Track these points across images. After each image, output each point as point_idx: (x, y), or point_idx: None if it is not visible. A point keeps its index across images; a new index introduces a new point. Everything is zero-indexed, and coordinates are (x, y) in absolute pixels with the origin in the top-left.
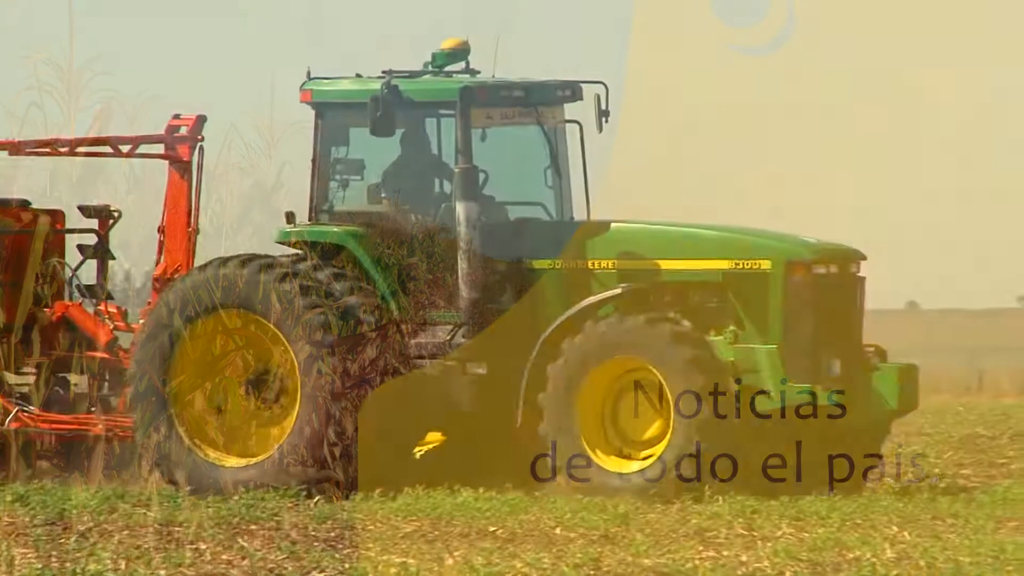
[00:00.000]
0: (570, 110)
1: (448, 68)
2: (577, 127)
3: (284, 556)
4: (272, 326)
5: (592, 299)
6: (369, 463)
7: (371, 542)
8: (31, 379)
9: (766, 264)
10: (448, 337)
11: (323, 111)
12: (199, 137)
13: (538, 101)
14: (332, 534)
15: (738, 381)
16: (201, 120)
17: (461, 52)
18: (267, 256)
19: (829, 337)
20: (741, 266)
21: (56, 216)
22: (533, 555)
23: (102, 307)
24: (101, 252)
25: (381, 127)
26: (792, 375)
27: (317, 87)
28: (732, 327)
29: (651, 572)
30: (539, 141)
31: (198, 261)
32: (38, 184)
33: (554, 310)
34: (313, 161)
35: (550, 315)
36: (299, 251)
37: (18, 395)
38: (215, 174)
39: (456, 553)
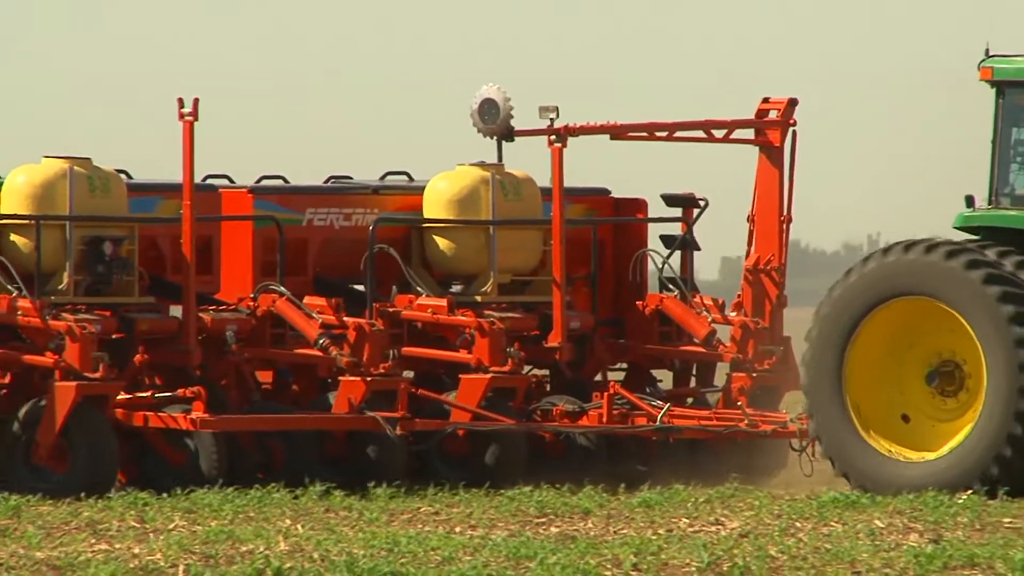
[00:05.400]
0: None
1: None
2: None
3: None
4: (961, 317)
5: None
6: None
7: None
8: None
9: None
10: None
11: (1005, 90)
12: (791, 121)
13: None
14: None
15: None
16: (792, 103)
17: None
18: (962, 243)
19: None
20: None
21: (639, 205)
22: None
23: (697, 299)
24: (687, 243)
25: None
26: None
27: (998, 64)
28: None
29: (44, 565)
30: None
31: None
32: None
33: None
34: (993, 142)
35: None
36: (977, 236)
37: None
38: None
39: None
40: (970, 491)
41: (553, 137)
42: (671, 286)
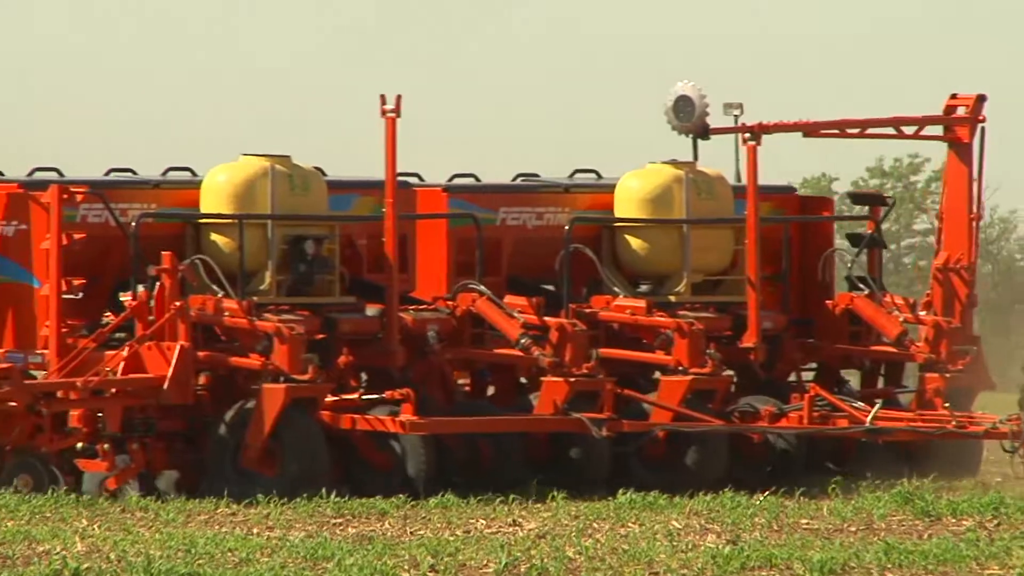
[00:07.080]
0: None
1: None
2: None
3: None
4: None
5: None
6: None
7: None
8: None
9: None
10: None
11: None
12: (980, 118)
13: None
14: None
15: None
16: (981, 100)
17: None
18: None
19: None
20: None
21: (825, 203)
22: None
23: (887, 299)
24: (875, 242)
25: None
26: None
27: None
28: None
29: None
30: None
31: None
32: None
33: None
34: None
35: None
36: None
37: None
38: None
39: None
40: (767, 492)
41: (747, 135)
42: (861, 285)
